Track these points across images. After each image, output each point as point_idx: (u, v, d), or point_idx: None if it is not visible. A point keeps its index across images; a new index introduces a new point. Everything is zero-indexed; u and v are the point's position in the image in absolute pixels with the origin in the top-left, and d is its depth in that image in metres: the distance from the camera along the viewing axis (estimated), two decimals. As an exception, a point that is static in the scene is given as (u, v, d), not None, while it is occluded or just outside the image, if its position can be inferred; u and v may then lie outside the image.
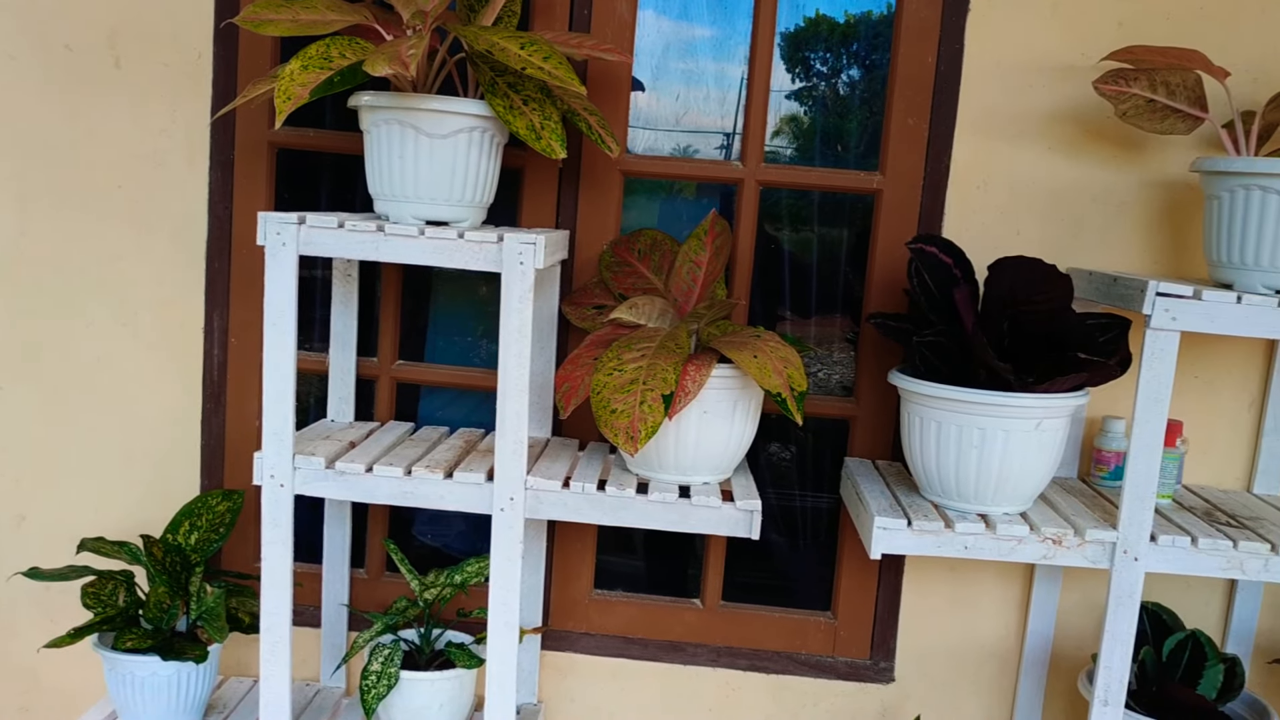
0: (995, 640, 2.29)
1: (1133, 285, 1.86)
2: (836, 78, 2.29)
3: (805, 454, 2.45)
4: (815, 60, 2.30)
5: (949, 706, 2.31)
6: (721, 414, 1.91)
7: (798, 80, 2.29)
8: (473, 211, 1.95)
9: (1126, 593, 1.89)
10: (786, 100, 2.29)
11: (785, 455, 2.45)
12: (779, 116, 2.30)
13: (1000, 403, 1.84)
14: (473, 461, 2.00)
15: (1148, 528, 1.87)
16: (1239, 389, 2.21)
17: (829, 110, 2.31)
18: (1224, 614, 2.27)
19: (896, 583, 2.29)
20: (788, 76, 2.29)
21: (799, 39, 2.28)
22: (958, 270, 1.97)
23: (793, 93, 2.29)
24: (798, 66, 2.30)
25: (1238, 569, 1.89)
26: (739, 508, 1.90)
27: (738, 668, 2.32)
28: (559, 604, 2.33)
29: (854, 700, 2.32)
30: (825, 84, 2.30)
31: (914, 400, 1.94)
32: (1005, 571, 2.27)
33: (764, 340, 1.90)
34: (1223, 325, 1.80)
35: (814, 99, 2.31)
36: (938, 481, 1.95)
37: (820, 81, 2.30)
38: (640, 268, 2.13)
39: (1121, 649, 1.90)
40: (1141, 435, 1.84)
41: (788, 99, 2.29)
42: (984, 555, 1.89)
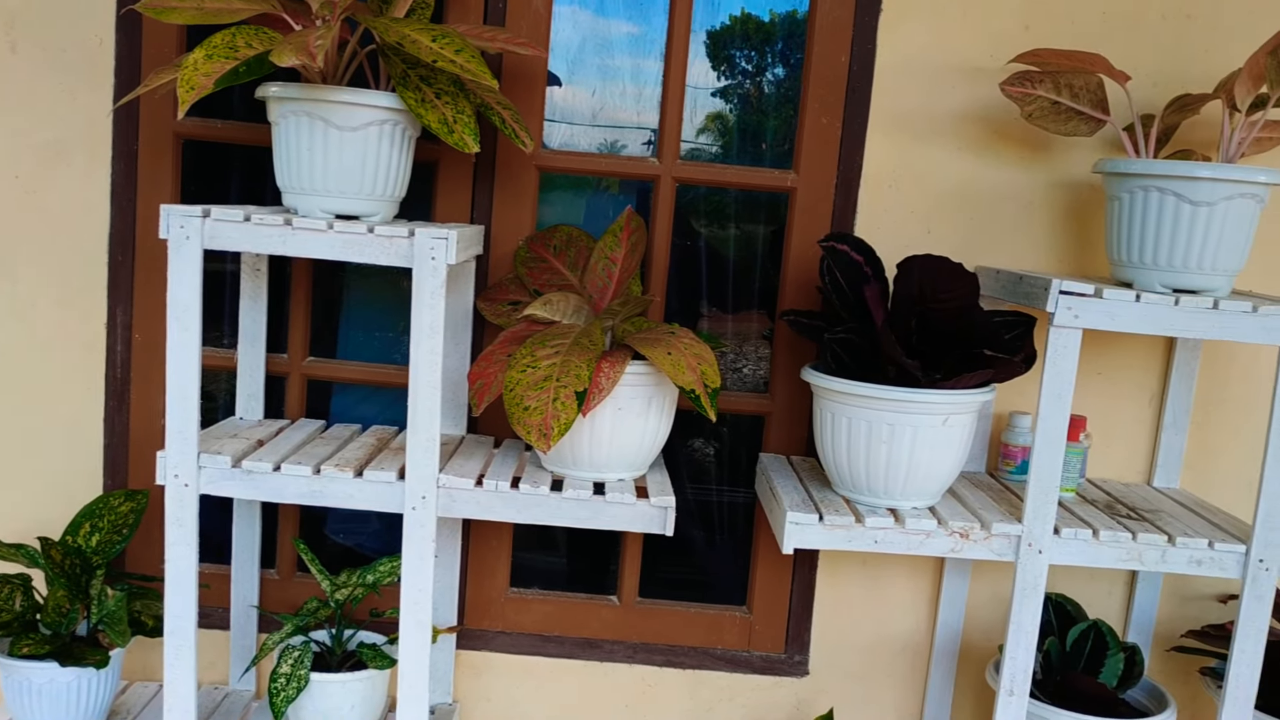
0: (907, 633, 2.33)
1: (1037, 283, 1.90)
2: (760, 76, 2.31)
3: (723, 450, 2.46)
4: (740, 59, 2.31)
5: (862, 699, 2.34)
6: (636, 411, 1.91)
7: (723, 78, 2.30)
8: (384, 206, 1.92)
9: (1031, 585, 1.93)
10: (711, 98, 2.30)
11: (704, 451, 2.46)
12: (706, 115, 2.31)
13: (908, 399, 1.87)
14: (384, 460, 1.97)
15: (1051, 521, 1.91)
16: (1140, 385, 2.27)
17: (752, 109, 2.32)
18: (1126, 604, 2.33)
19: (810, 577, 2.31)
20: (712, 74, 2.30)
21: (723, 37, 2.29)
22: (868, 268, 2.00)
23: (717, 90, 2.30)
24: (722, 64, 2.30)
25: (1136, 560, 1.94)
26: (653, 504, 1.90)
27: (654, 664, 2.32)
28: (474, 602, 2.31)
29: (769, 694, 2.34)
30: (750, 82, 2.31)
31: (826, 396, 1.96)
32: (916, 565, 2.31)
33: (678, 337, 1.91)
34: (1123, 323, 1.85)
35: (738, 97, 2.32)
36: (849, 476, 1.97)
37: (745, 80, 2.31)
38: (556, 264, 2.12)
39: (1026, 640, 1.94)
40: (1045, 430, 1.88)
41: (712, 96, 2.30)
42: (893, 549, 1.92)
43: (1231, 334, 1.86)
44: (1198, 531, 1.97)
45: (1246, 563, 1.92)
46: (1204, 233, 1.86)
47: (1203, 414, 2.28)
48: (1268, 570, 1.92)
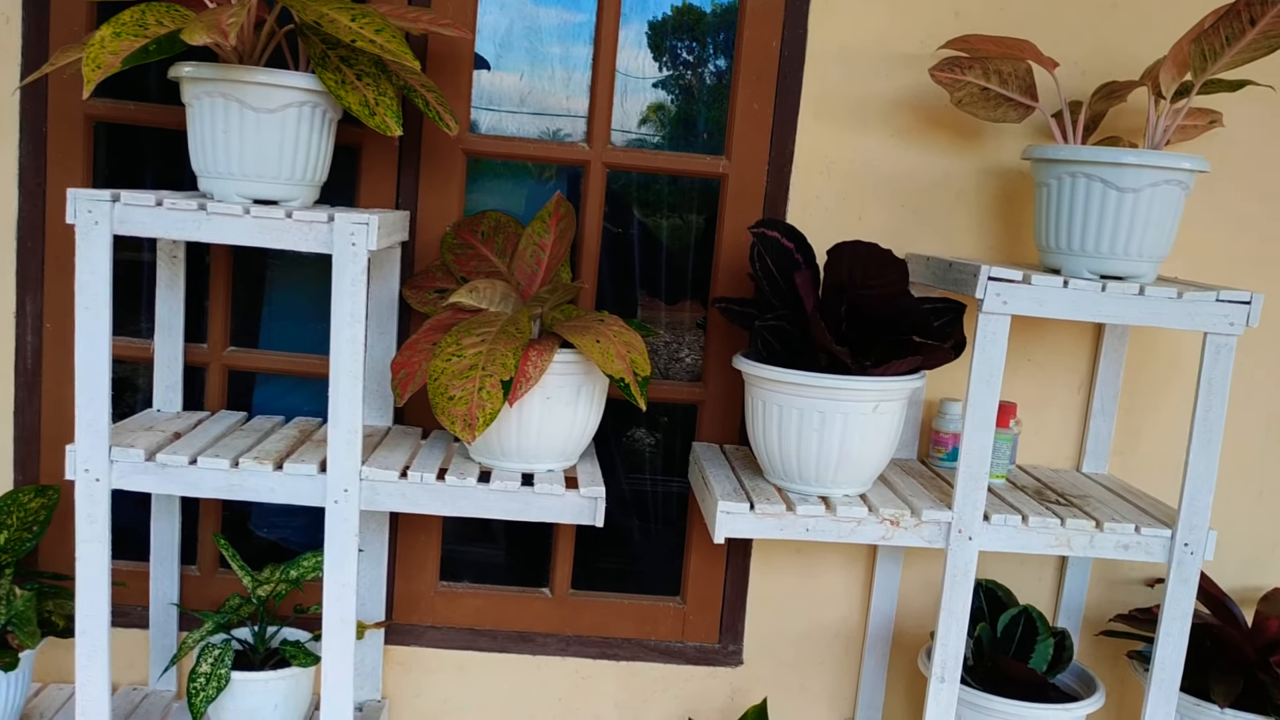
0: (840, 621, 2.32)
1: (966, 270, 1.89)
2: (701, 68, 2.28)
3: (657, 440, 2.44)
4: (681, 49, 2.28)
5: (796, 687, 2.34)
6: (565, 400, 1.88)
7: (664, 69, 2.28)
8: (304, 190, 1.87)
9: (962, 571, 1.93)
10: (652, 88, 2.27)
11: (640, 442, 2.43)
12: (645, 106, 2.28)
13: (838, 386, 1.86)
14: (306, 452, 1.92)
15: (981, 507, 1.91)
16: (1069, 372, 2.29)
17: (691, 99, 2.29)
18: (1056, 589, 2.35)
19: (744, 566, 2.29)
20: (653, 64, 2.27)
21: (664, 28, 2.26)
22: (799, 255, 1.98)
23: (657, 81, 2.27)
24: (664, 55, 2.28)
25: (1065, 546, 1.95)
26: (583, 495, 1.87)
27: (587, 656, 2.29)
28: (403, 597, 2.26)
29: (703, 684, 2.32)
30: (690, 73, 2.29)
31: (757, 384, 1.94)
32: (849, 553, 2.30)
33: (607, 325, 1.87)
34: (1051, 309, 1.86)
35: (678, 88, 2.29)
36: (780, 464, 1.96)
37: (685, 71, 2.29)
38: (483, 250, 2.08)
39: (957, 626, 1.94)
40: (974, 416, 1.88)
41: (653, 87, 2.28)
42: (825, 537, 1.91)
43: (1157, 320, 1.87)
44: (1125, 517, 1.99)
45: (1172, 547, 1.94)
46: (1130, 219, 1.87)
47: (1130, 400, 2.30)
48: (1192, 554, 1.94)
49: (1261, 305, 1.87)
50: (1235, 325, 1.87)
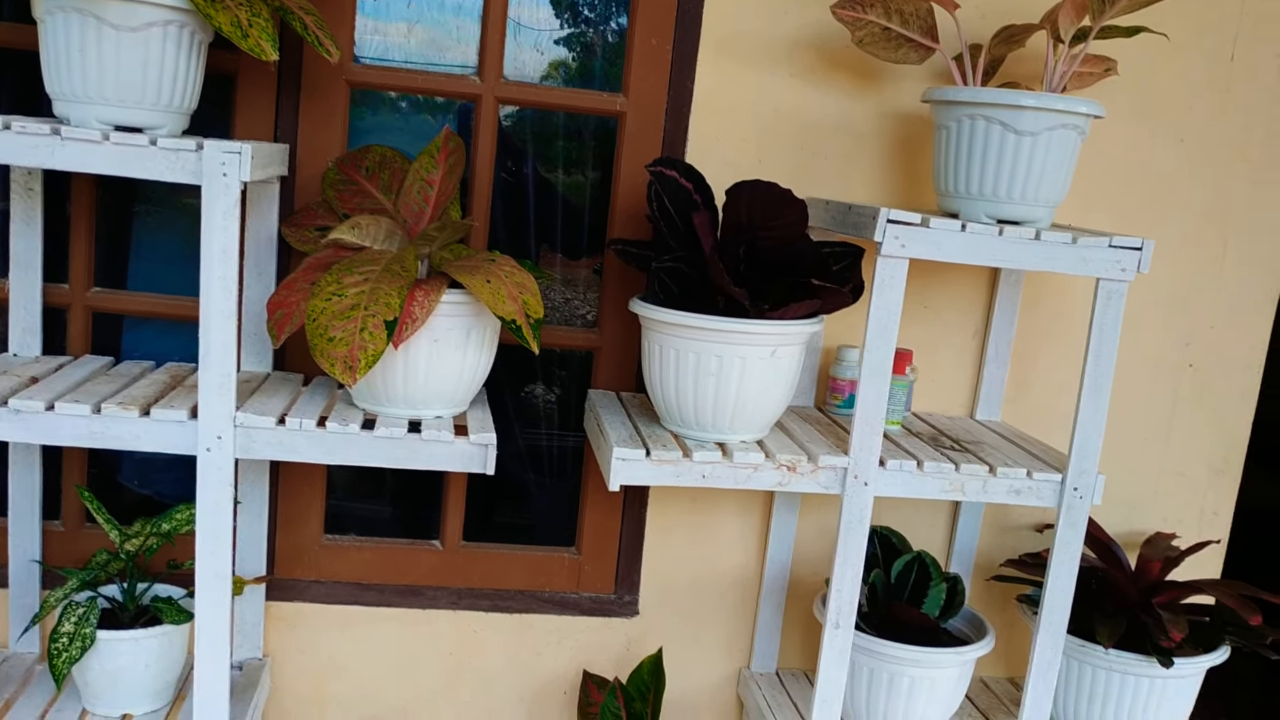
0: (736, 569, 2.31)
1: (865, 213, 1.86)
2: (599, 20, 2.20)
3: (552, 387, 2.37)
4: (581, 3, 2.19)
5: (692, 637, 2.31)
6: (454, 343, 1.80)
7: (564, 25, 2.19)
8: (171, 118, 1.74)
9: (857, 517, 1.92)
10: (545, 37, 2.18)
11: (534, 390, 2.37)
12: (546, 61, 2.19)
13: (736, 329, 1.81)
14: (176, 398, 1.81)
15: (876, 453, 1.90)
16: (964, 319, 2.29)
17: (589, 52, 2.21)
18: (948, 535, 2.37)
19: (640, 516, 2.26)
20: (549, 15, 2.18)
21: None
22: (697, 195, 1.93)
23: (553, 31, 2.19)
24: (560, 7, 2.19)
25: (959, 491, 1.96)
26: (473, 442, 1.80)
27: (480, 609, 2.23)
28: (285, 551, 2.17)
29: (598, 635, 2.28)
30: (589, 27, 2.20)
31: (654, 328, 1.89)
32: (746, 501, 2.28)
33: (498, 265, 1.80)
34: (949, 253, 1.84)
35: (575, 41, 2.20)
36: (677, 410, 1.92)
37: (585, 26, 2.20)
38: (368, 186, 1.97)
39: (852, 572, 1.93)
40: (871, 362, 1.86)
41: (554, 44, 2.19)
42: (721, 484, 1.87)
43: (1051, 265, 1.87)
44: (1017, 462, 2.00)
45: (1062, 491, 1.96)
46: (1028, 163, 1.86)
47: (1021, 347, 2.31)
48: (1081, 498, 1.96)
49: (1152, 252, 1.89)
50: (1127, 271, 1.89)
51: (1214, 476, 2.42)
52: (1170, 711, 2.10)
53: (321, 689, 2.21)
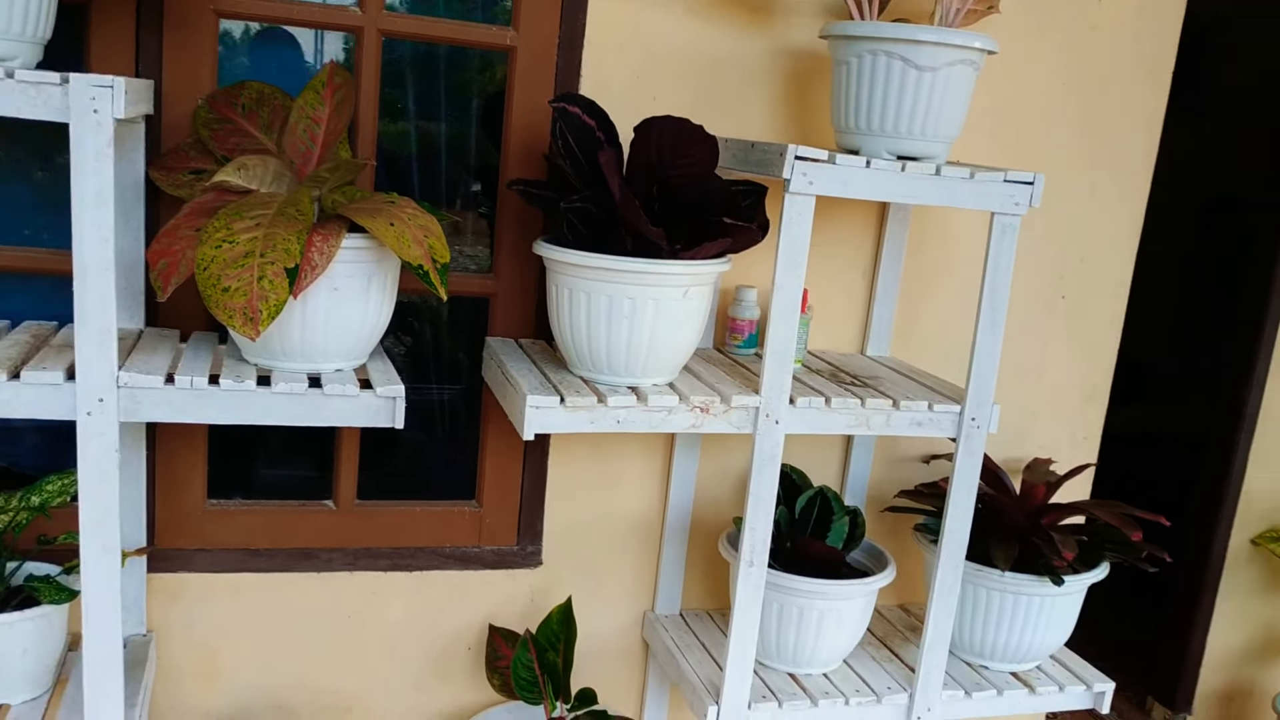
0: (639, 514, 2.29)
1: (771, 150, 1.84)
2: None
3: (440, 337, 2.28)
4: None
5: (596, 584, 2.29)
6: (354, 291, 1.70)
7: None
8: (25, 48, 1.57)
9: (769, 456, 1.92)
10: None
11: (419, 339, 2.27)
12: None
13: (652, 270, 1.78)
14: (47, 358, 1.65)
15: (787, 391, 1.90)
16: (854, 257, 2.31)
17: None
18: (841, 470, 2.41)
19: (541, 465, 2.21)
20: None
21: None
22: (601, 133, 1.87)
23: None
24: None
25: (864, 425, 1.98)
26: (380, 395, 1.71)
27: (378, 569, 2.15)
28: (166, 519, 2.03)
29: (502, 588, 2.23)
30: None
31: (563, 271, 1.83)
32: (647, 445, 2.26)
33: (400, 207, 1.70)
34: (854, 189, 1.84)
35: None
36: (588, 355, 1.87)
37: None
38: (246, 126, 1.84)
39: (764, 510, 1.94)
40: (781, 300, 1.86)
41: None
42: (635, 428, 1.84)
43: (950, 199, 1.90)
44: (916, 396, 2.04)
45: (961, 422, 2.01)
46: (927, 98, 1.88)
47: (907, 284, 2.36)
48: (979, 428, 2.02)
49: (1043, 186, 1.94)
50: (1020, 205, 1.93)
51: (1084, 403, 2.54)
52: (1059, 627, 2.20)
53: (212, 662, 2.09)
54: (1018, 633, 2.18)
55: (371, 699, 2.20)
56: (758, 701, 2.03)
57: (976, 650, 2.23)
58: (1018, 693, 2.18)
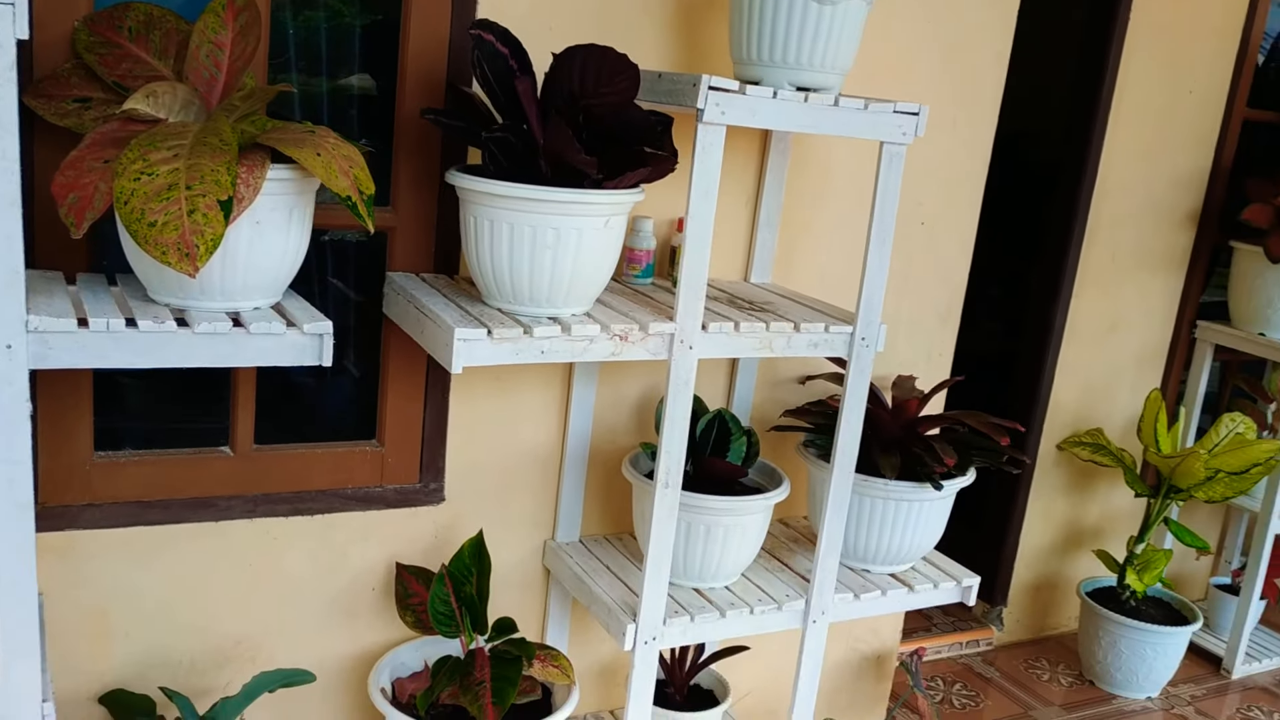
0: (539, 444, 2.31)
1: (681, 81, 1.88)
2: None
3: (328, 273, 2.21)
4: None
5: (499, 517, 2.30)
6: (277, 224, 1.63)
7: None
8: (-105, -43, 1.41)
9: (683, 381, 1.98)
10: None
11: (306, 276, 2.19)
12: None
13: (578, 200, 1.79)
14: (-65, 303, 1.50)
15: (699, 318, 1.96)
16: (738, 187, 2.38)
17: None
18: (727, 393, 2.50)
19: (443, 402, 2.19)
20: None
21: None
22: (514, 60, 1.85)
23: None
24: None
25: (768, 348, 2.07)
26: (308, 332, 1.66)
27: (279, 514, 2.09)
28: (51, 475, 1.90)
29: (406, 527, 2.21)
30: None
31: (484, 203, 1.81)
32: (546, 376, 2.28)
33: (322, 137, 1.64)
34: (762, 119, 1.90)
35: None
36: (509, 287, 1.87)
37: None
38: (136, 51, 1.71)
39: (679, 433, 2.00)
40: (694, 228, 1.91)
41: None
42: (559, 358, 1.86)
43: (846, 129, 1.99)
44: (810, 319, 2.14)
45: (852, 341, 2.13)
46: (827, 30, 1.95)
47: (786, 212, 2.45)
48: (868, 347, 2.14)
49: (927, 116, 2.06)
50: (906, 135, 2.05)
51: (940, 324, 2.73)
52: (933, 529, 2.39)
53: (105, 621, 1.99)
54: (899, 537, 2.34)
55: (275, 645, 2.15)
56: (670, 617, 2.11)
57: (860, 555, 2.39)
58: (899, 592, 2.36)
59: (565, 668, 2.14)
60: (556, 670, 2.13)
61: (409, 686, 2.16)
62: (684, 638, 2.13)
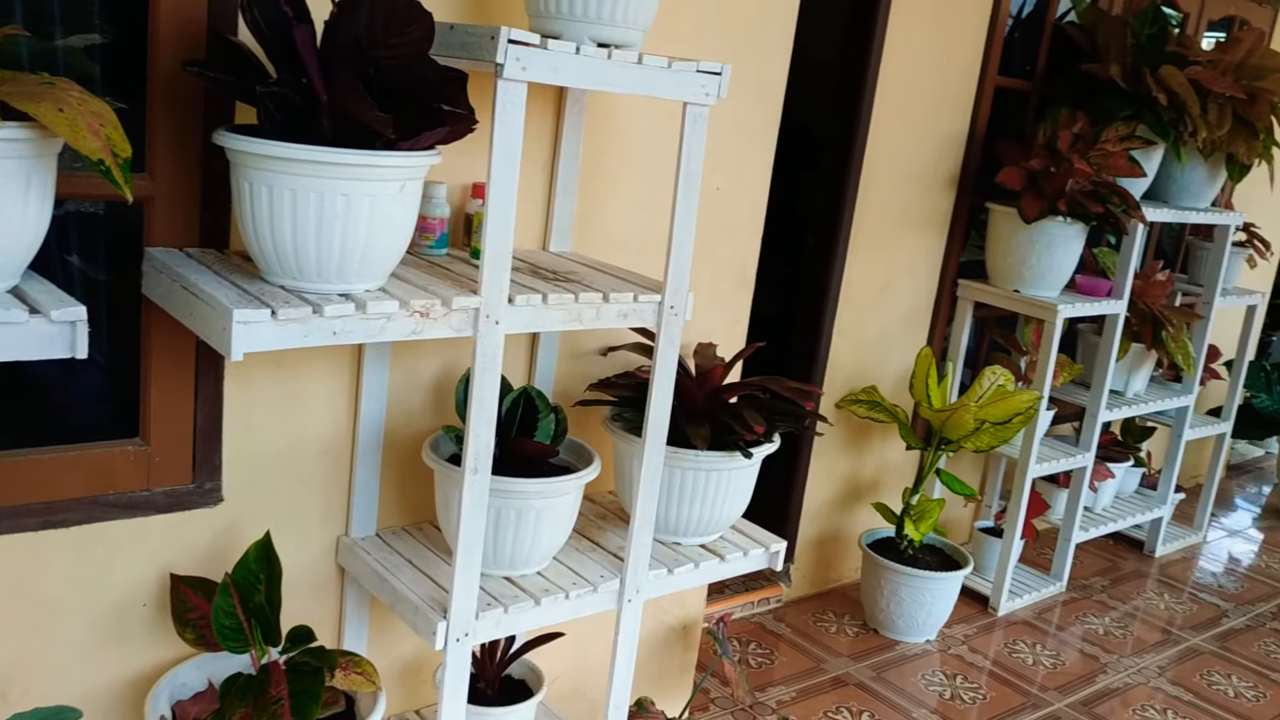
0: (327, 433, 2.12)
1: (477, 33, 1.74)
2: None
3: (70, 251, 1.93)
4: None
5: (286, 514, 2.10)
6: (12, 194, 1.38)
7: None
8: None
9: (490, 358, 1.85)
10: None
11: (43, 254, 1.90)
12: None
13: (370, 163, 1.62)
14: None
15: (506, 290, 1.83)
16: (533, 151, 2.26)
17: None
18: (528, 368, 2.38)
19: (217, 392, 1.96)
20: None
21: None
22: (288, 6, 1.65)
23: None
24: None
25: (577, 320, 1.97)
26: (56, 319, 1.42)
27: (27, 529, 1.81)
28: None
29: (180, 533, 1.98)
30: None
31: (262, 167, 1.61)
32: (332, 358, 2.09)
33: (64, 90, 1.39)
34: (565, 76, 1.79)
35: None
36: (293, 261, 1.67)
37: None
38: None
39: (487, 415, 1.87)
40: (497, 194, 1.78)
41: None
42: (353, 339, 1.69)
43: (649, 89, 1.90)
44: (618, 289, 2.05)
45: (661, 311, 2.06)
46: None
47: (583, 178, 2.35)
48: (676, 315, 2.08)
49: (729, 76, 2.00)
50: (710, 95, 1.98)
51: (736, 289, 2.70)
52: (742, 497, 2.36)
53: None
54: (710, 507, 2.31)
55: (31, 679, 1.87)
56: (483, 611, 1.98)
57: (671, 529, 2.33)
58: (711, 563, 2.33)
59: (369, 673, 1.98)
60: (360, 677, 1.96)
61: (192, 710, 1.94)
62: (498, 631, 2.01)
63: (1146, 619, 4.09)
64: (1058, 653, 3.73)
